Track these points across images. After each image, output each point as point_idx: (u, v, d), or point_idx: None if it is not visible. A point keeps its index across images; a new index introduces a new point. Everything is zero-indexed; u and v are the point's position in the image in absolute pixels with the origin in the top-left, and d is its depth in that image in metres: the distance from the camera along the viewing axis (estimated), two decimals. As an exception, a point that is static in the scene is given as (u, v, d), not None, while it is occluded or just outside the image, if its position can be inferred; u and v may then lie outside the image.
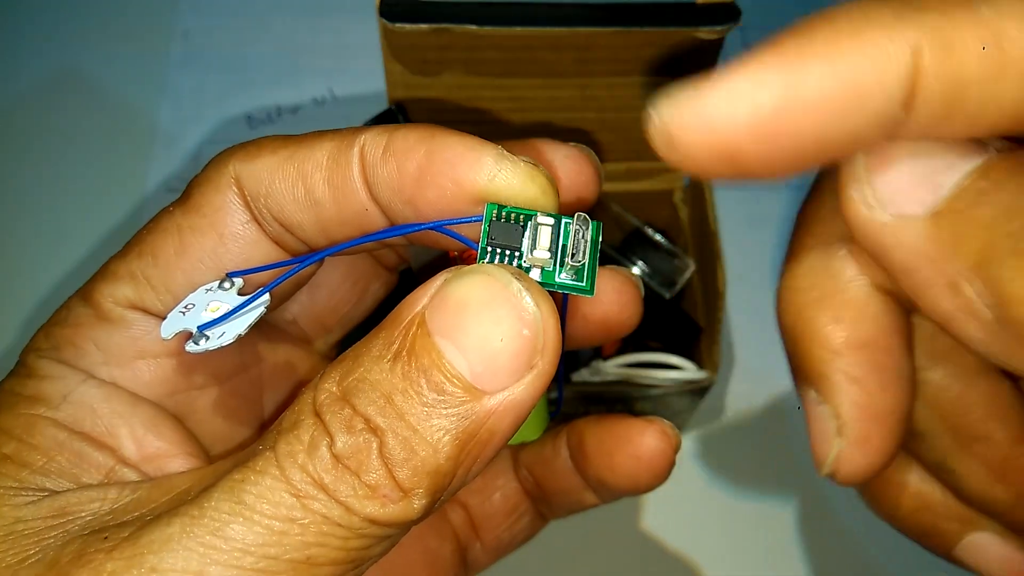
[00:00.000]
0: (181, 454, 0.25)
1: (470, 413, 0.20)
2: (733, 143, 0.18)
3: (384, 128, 0.24)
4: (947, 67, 0.17)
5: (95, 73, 0.61)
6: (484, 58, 0.43)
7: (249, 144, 0.25)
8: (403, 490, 0.20)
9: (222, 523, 0.19)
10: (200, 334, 0.23)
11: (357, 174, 0.24)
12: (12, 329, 0.53)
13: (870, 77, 0.17)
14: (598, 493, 0.32)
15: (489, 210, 0.23)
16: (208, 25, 0.63)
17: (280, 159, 0.24)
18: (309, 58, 0.62)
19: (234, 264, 0.25)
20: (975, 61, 0.17)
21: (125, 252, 0.25)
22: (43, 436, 0.23)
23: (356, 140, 0.24)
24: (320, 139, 0.24)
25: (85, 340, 0.25)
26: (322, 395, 0.21)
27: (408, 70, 0.43)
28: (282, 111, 0.60)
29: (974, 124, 0.19)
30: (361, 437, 0.20)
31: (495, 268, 0.21)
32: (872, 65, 0.17)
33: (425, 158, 0.23)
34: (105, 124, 0.60)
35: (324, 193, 0.24)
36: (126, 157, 0.58)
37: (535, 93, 0.45)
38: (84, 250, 0.55)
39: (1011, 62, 0.17)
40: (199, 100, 0.61)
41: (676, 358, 0.46)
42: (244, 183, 0.24)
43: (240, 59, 0.62)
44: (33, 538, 0.21)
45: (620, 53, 0.43)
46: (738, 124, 0.17)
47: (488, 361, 0.20)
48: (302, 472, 0.20)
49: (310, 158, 0.24)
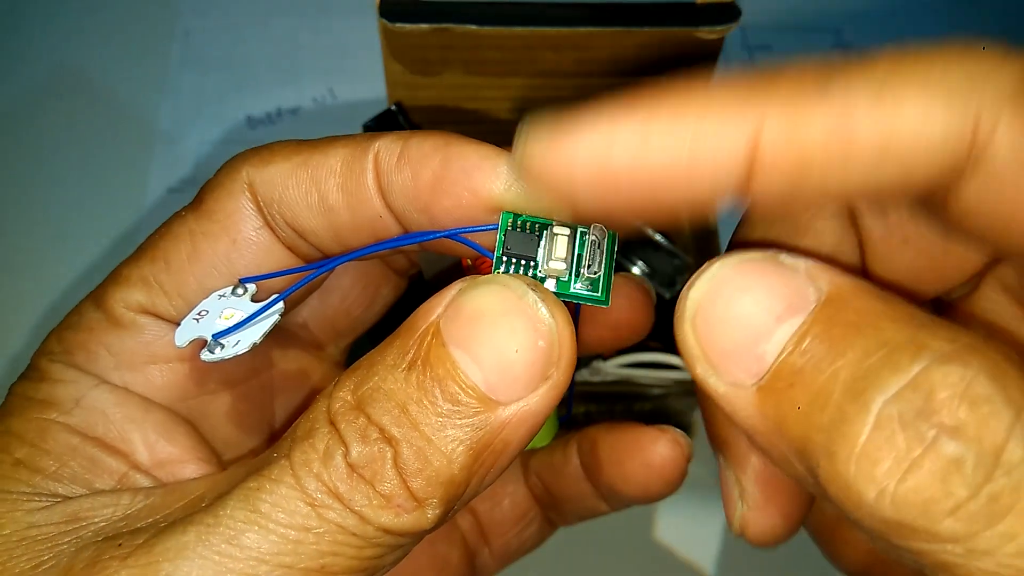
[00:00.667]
0: (193, 459, 0.25)
1: (484, 424, 0.20)
2: (575, 184, 0.19)
3: (399, 135, 0.24)
4: (790, 145, 0.18)
5: (95, 73, 0.61)
6: (484, 58, 0.43)
7: (262, 149, 0.25)
8: (417, 500, 0.20)
9: (237, 531, 0.19)
10: (215, 342, 0.23)
11: (371, 181, 0.24)
12: (12, 330, 0.53)
13: (705, 148, 0.18)
14: (608, 501, 0.32)
15: (504, 219, 0.23)
16: (208, 25, 0.63)
17: (293, 165, 0.24)
18: (309, 58, 0.62)
19: (247, 270, 0.25)
20: (820, 140, 0.17)
21: (137, 257, 0.25)
22: (55, 441, 0.23)
23: (370, 147, 0.24)
24: (334, 145, 0.24)
25: (97, 345, 0.25)
26: (336, 403, 0.21)
27: (408, 70, 0.43)
28: (282, 111, 0.60)
29: (819, 201, 0.20)
30: (376, 447, 0.20)
31: (511, 279, 0.21)
32: (709, 137, 0.18)
33: (441, 166, 0.23)
34: (105, 124, 0.60)
35: (338, 200, 0.24)
36: (126, 157, 0.58)
37: (535, 93, 0.45)
38: (85, 251, 0.55)
39: (858, 141, 0.17)
40: (199, 100, 0.61)
41: (676, 358, 0.46)
42: (257, 188, 0.24)
43: (240, 59, 0.62)
44: (46, 544, 0.21)
45: (620, 53, 0.43)
46: (581, 168, 0.18)
47: (503, 372, 0.20)
48: (317, 481, 0.20)
49: (324, 164, 0.24)
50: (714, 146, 0.18)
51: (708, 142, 0.18)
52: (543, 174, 0.19)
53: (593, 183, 0.19)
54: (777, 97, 0.18)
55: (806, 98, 0.18)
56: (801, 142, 0.18)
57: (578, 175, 0.19)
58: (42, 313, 0.51)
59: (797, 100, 0.18)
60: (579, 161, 0.18)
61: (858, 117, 0.17)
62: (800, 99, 0.18)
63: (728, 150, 0.18)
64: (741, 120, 0.18)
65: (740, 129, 0.18)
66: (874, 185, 0.18)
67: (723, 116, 0.18)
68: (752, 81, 0.18)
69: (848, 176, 0.18)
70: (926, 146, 0.17)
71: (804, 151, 0.18)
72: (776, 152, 0.18)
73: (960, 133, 0.17)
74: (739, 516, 0.25)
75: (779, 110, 0.18)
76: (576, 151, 0.18)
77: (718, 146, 0.18)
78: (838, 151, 0.18)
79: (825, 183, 0.18)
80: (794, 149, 0.18)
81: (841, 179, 0.18)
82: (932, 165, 0.18)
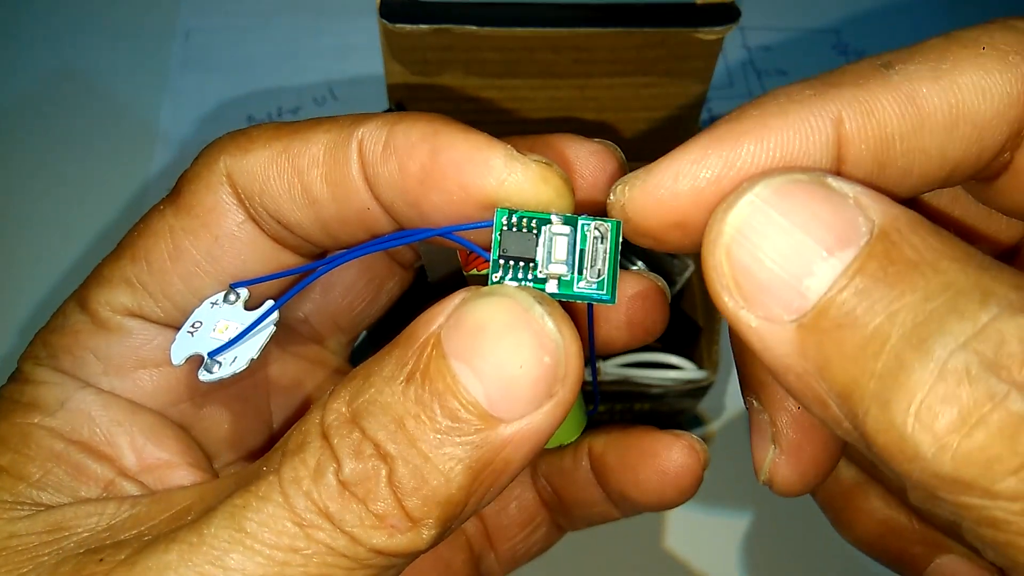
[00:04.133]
0: (183, 464, 0.24)
1: (485, 442, 0.19)
2: (679, 213, 0.20)
3: (384, 120, 0.22)
4: (870, 129, 0.19)
5: (95, 73, 0.61)
6: (484, 58, 0.43)
7: (239, 135, 0.24)
8: (412, 520, 0.19)
9: (221, 552, 0.19)
10: (212, 360, 0.22)
11: (356, 172, 0.22)
12: (11, 332, 0.53)
13: (796, 148, 0.19)
14: (620, 507, 0.31)
15: (499, 216, 0.21)
16: (209, 25, 0.63)
17: (273, 153, 0.23)
18: (309, 58, 0.62)
19: (232, 266, 0.24)
20: (895, 120, 0.19)
21: (118, 255, 0.24)
22: (39, 446, 0.23)
23: (354, 133, 0.22)
24: (315, 130, 0.23)
25: (83, 349, 0.24)
26: (331, 416, 0.20)
27: (408, 70, 0.43)
28: (282, 111, 0.60)
29: (906, 177, 0.20)
30: (370, 463, 0.19)
31: (517, 291, 0.20)
32: (797, 138, 0.19)
33: (429, 159, 0.21)
34: (105, 124, 0.60)
35: (322, 191, 0.23)
36: (126, 157, 0.58)
37: (535, 93, 0.45)
38: (83, 251, 0.55)
39: (927, 116, 0.19)
40: (199, 100, 0.61)
41: (676, 358, 0.46)
42: (237, 180, 0.23)
43: (240, 59, 0.62)
44: (27, 555, 0.20)
45: (620, 53, 0.43)
46: (680, 196, 0.20)
47: (506, 388, 0.19)
48: (307, 499, 0.19)
49: (305, 153, 0.23)
50: (805, 141, 0.19)
51: (798, 140, 0.19)
52: (648, 211, 0.20)
53: (699, 203, 0.19)
54: (847, 90, 0.19)
55: (872, 85, 0.19)
56: (878, 120, 0.19)
57: (683, 199, 0.19)
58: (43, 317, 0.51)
59: (865, 89, 0.19)
60: (682, 187, 0.19)
61: (923, 92, 0.19)
62: (867, 88, 0.19)
63: (817, 141, 0.19)
64: (822, 115, 0.19)
65: (822, 123, 0.19)
66: (951, 151, 0.19)
67: (804, 116, 0.19)
68: (814, 86, 0.20)
69: (926, 144, 0.19)
70: (990, 107, 0.19)
71: (883, 127, 0.19)
72: (858, 133, 0.19)
73: (1020, 92, 0.19)
74: (769, 461, 0.24)
75: (852, 101, 0.19)
76: (677, 180, 0.19)
77: (808, 140, 0.19)
78: (912, 122, 0.19)
79: (906, 157, 0.19)
80: (875, 130, 0.19)
81: (921, 148, 0.19)
82: (1000, 126, 0.19)
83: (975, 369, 0.16)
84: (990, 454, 0.16)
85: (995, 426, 0.16)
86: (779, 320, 0.18)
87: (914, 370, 0.16)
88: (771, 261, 0.18)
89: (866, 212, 0.18)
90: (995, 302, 0.16)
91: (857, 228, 0.18)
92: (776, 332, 0.18)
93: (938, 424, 0.16)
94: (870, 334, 0.17)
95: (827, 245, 0.18)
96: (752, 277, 0.18)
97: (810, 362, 0.18)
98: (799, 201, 0.18)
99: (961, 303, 0.16)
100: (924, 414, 0.16)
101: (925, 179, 0.20)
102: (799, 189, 0.18)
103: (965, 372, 0.16)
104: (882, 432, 0.17)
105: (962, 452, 0.16)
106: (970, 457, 0.16)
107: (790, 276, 0.18)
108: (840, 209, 0.18)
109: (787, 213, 0.18)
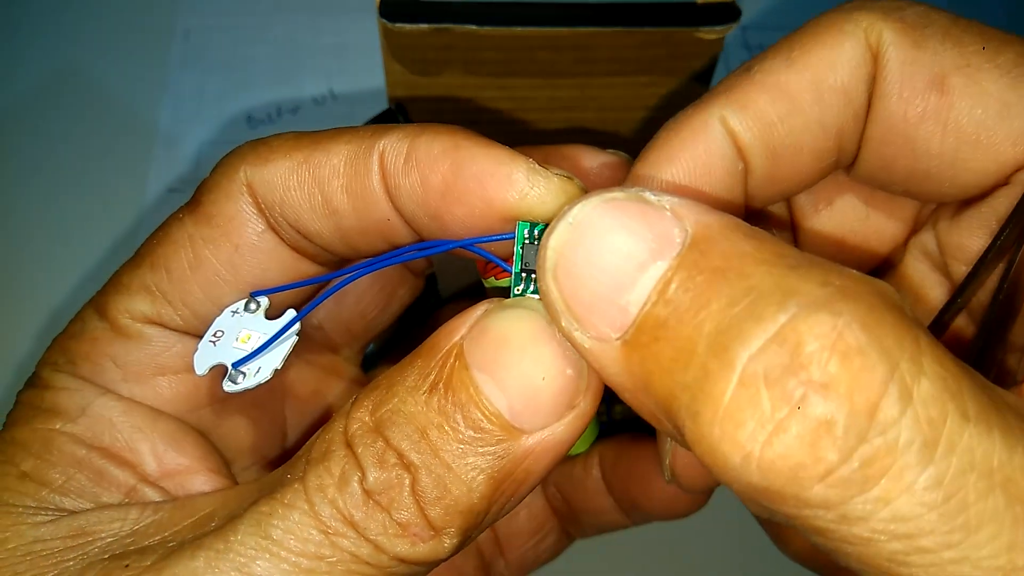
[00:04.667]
0: (203, 470, 0.25)
1: (507, 452, 0.19)
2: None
3: (405, 131, 0.23)
4: (750, 120, 0.22)
5: (95, 73, 0.61)
6: (484, 58, 0.43)
7: (260, 144, 0.24)
8: (434, 529, 0.19)
9: (248, 559, 0.19)
10: (236, 371, 0.23)
11: (377, 183, 0.22)
12: (11, 333, 0.52)
13: (701, 153, 0.22)
14: (630, 516, 0.31)
15: (521, 229, 0.21)
16: (209, 25, 0.63)
17: (294, 163, 0.23)
18: (309, 58, 0.62)
19: (251, 275, 0.24)
20: (768, 107, 0.22)
21: (137, 263, 0.24)
22: (61, 452, 0.23)
23: (375, 145, 0.22)
24: (336, 140, 0.23)
25: (102, 356, 0.24)
26: (354, 424, 0.20)
27: (408, 70, 0.43)
28: (282, 111, 0.60)
29: (799, 154, 0.22)
30: (394, 472, 0.19)
31: (540, 304, 0.20)
32: (699, 146, 0.22)
33: (451, 173, 0.22)
34: (105, 124, 0.59)
35: (343, 202, 0.23)
36: (126, 157, 0.58)
37: (535, 93, 0.45)
38: (85, 252, 0.55)
39: (794, 96, 0.22)
40: (199, 100, 0.61)
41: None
42: (257, 189, 0.23)
43: (240, 59, 0.62)
44: (51, 560, 0.20)
45: (620, 53, 0.43)
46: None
47: (528, 400, 0.19)
48: (332, 508, 0.19)
49: (326, 163, 0.23)
50: (706, 147, 0.23)
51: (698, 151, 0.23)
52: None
53: None
54: (719, 97, 0.23)
55: (740, 85, 0.23)
56: (753, 111, 0.22)
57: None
58: (45, 317, 0.51)
59: (736, 90, 0.23)
60: None
61: (783, 80, 0.22)
62: (736, 87, 0.23)
63: (715, 142, 0.22)
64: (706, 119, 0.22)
65: (711, 124, 0.22)
66: (828, 118, 0.22)
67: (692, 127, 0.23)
68: (694, 104, 0.23)
69: (806, 120, 0.22)
70: (842, 73, 0.21)
71: (760, 116, 0.22)
72: (741, 124, 0.22)
73: (864, 54, 0.21)
74: (668, 458, 0.24)
75: (724, 102, 0.22)
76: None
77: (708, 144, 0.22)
78: (784, 105, 0.22)
79: (792, 133, 0.22)
80: (752, 116, 0.22)
81: (802, 125, 0.22)
82: (858, 86, 0.21)
83: (773, 373, 0.15)
84: (793, 462, 0.15)
85: (794, 432, 0.15)
86: (607, 339, 0.18)
87: (717, 380, 0.16)
88: (593, 280, 0.18)
89: (682, 223, 0.18)
90: (795, 301, 0.16)
91: (672, 239, 0.17)
92: (606, 351, 0.18)
93: (740, 434, 0.16)
94: (680, 345, 0.17)
95: (642, 259, 0.17)
96: (578, 298, 0.18)
97: (636, 379, 0.18)
98: (614, 218, 0.18)
99: (760, 306, 0.16)
100: (727, 424, 0.16)
101: (818, 153, 0.22)
102: (614, 207, 0.18)
103: (763, 377, 0.15)
104: (697, 445, 0.17)
105: (766, 461, 0.15)
106: (773, 466, 0.15)
107: (612, 293, 0.18)
108: (655, 222, 0.18)
109: (604, 231, 0.18)
